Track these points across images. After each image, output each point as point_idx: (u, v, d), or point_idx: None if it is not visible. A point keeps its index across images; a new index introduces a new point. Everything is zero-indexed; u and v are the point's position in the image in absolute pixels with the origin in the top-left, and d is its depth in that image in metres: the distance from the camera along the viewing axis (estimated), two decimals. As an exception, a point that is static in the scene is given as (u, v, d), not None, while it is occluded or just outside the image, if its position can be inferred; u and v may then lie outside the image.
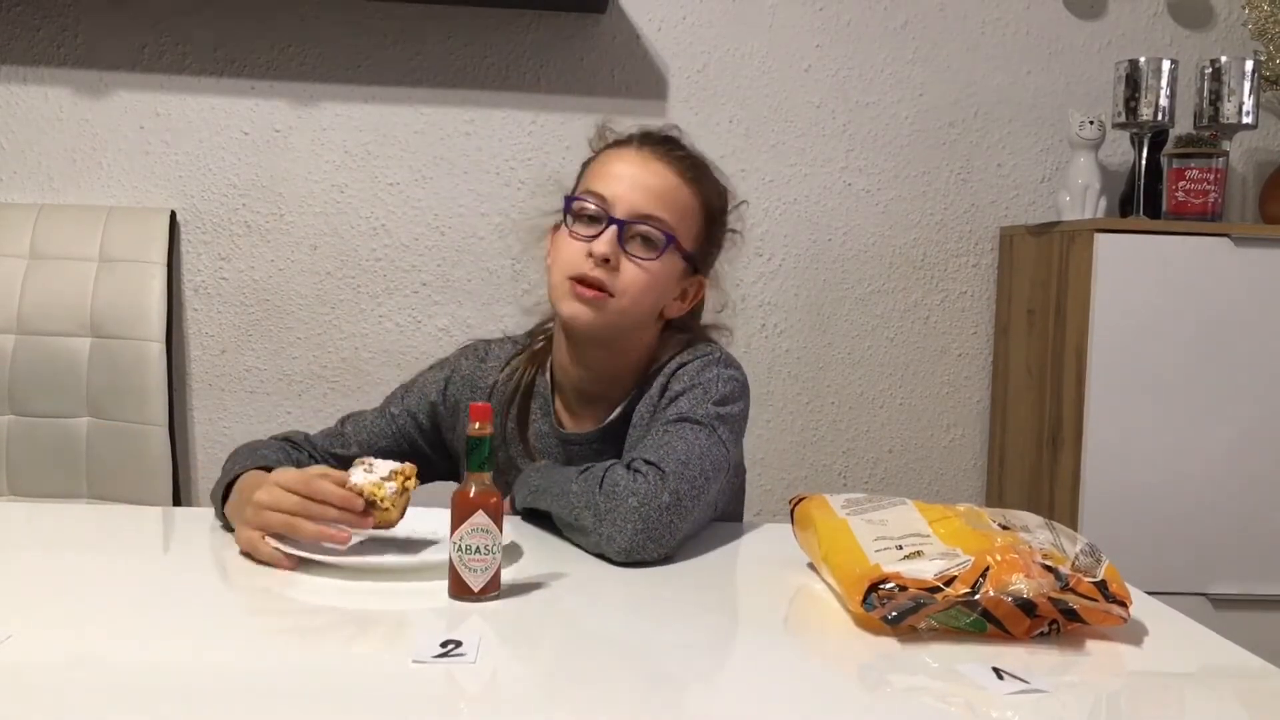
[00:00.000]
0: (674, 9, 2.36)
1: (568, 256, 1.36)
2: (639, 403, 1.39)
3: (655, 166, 1.37)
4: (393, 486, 1.13)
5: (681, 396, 1.33)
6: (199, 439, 2.34)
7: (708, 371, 1.35)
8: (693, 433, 1.27)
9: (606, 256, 1.32)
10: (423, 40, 2.32)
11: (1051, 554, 0.99)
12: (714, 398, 1.32)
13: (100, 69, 2.28)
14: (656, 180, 1.36)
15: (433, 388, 1.48)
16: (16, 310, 2.16)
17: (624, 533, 1.17)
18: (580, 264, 1.34)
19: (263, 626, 0.98)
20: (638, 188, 1.35)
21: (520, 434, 1.45)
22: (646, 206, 1.34)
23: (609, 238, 1.33)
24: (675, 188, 1.37)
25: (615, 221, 1.34)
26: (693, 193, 1.38)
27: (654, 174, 1.36)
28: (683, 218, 1.37)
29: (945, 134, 2.43)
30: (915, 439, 2.47)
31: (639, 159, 1.38)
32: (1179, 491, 2.10)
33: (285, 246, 2.33)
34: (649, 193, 1.35)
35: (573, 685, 0.88)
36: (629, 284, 1.34)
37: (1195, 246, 2.09)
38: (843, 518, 1.11)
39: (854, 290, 2.44)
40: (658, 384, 1.38)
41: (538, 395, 1.45)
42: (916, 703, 0.87)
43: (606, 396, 1.42)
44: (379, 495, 1.13)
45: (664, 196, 1.36)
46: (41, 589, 1.06)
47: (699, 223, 1.40)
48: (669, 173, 1.37)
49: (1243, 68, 2.16)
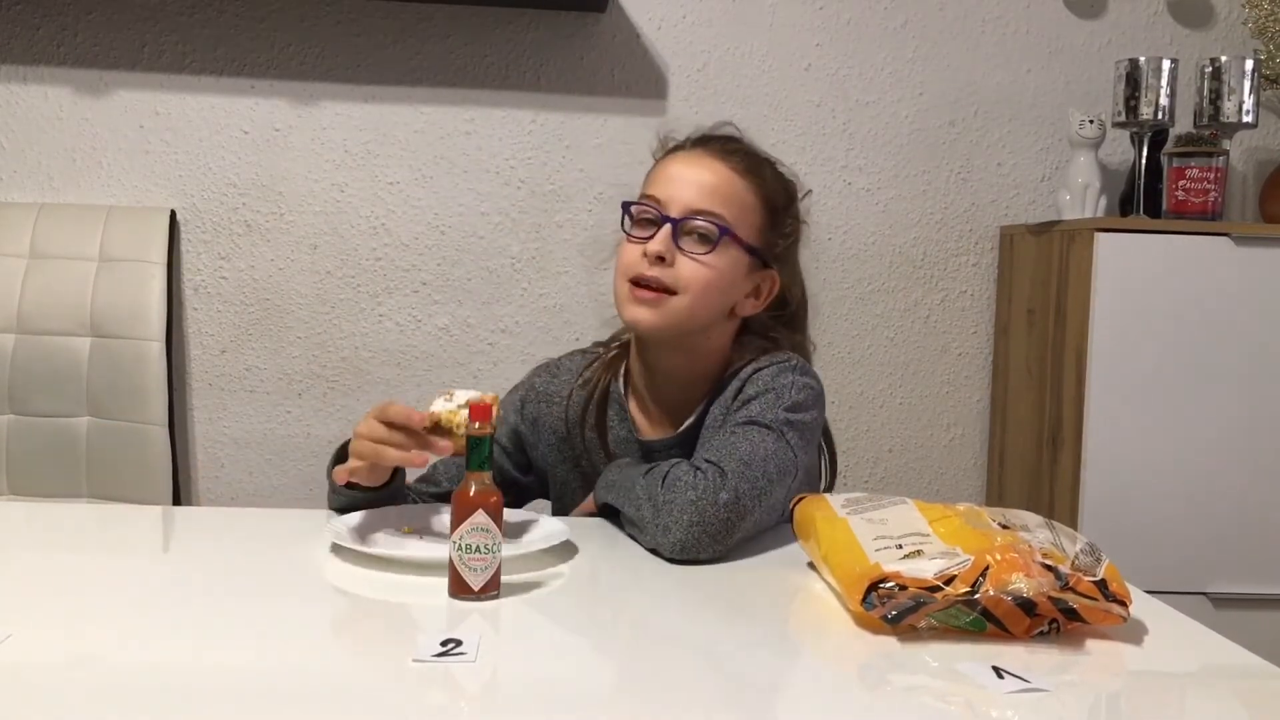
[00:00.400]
0: (674, 8, 2.36)
1: (627, 261, 1.37)
2: (717, 408, 1.39)
3: (708, 163, 1.38)
4: (466, 415, 1.16)
5: (754, 400, 1.33)
6: (199, 439, 2.34)
7: (782, 377, 1.35)
8: (759, 435, 1.27)
9: (661, 254, 1.33)
10: (423, 40, 2.32)
11: (1051, 553, 0.99)
12: (785, 403, 1.32)
13: (100, 68, 2.28)
14: (709, 175, 1.36)
15: (511, 411, 1.49)
16: (16, 310, 2.16)
17: (679, 525, 1.18)
18: (637, 265, 1.35)
19: (262, 626, 0.98)
20: (690, 185, 1.36)
21: (601, 442, 1.45)
22: (699, 202, 1.35)
23: (663, 236, 1.34)
24: (729, 181, 1.37)
25: (669, 220, 1.34)
26: (749, 185, 1.38)
27: (707, 170, 1.37)
28: (741, 211, 1.37)
29: (945, 133, 2.43)
30: (915, 438, 2.47)
31: (692, 158, 1.39)
32: (1179, 491, 2.10)
33: (285, 246, 2.33)
34: (702, 188, 1.36)
35: (572, 685, 0.88)
36: (689, 280, 1.34)
37: (1195, 246, 2.09)
38: (843, 517, 1.11)
39: (854, 289, 2.44)
40: (732, 387, 1.38)
41: (613, 402, 1.45)
42: (916, 702, 0.87)
43: (683, 401, 1.42)
44: (455, 422, 1.17)
45: (718, 190, 1.36)
46: (41, 589, 1.06)
47: (760, 215, 1.39)
48: (723, 167, 1.37)
49: (1243, 67, 2.16)
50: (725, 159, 1.38)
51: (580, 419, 1.45)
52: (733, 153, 1.39)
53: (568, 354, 1.56)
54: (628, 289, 1.35)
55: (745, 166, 1.39)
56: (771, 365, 1.38)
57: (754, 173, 1.39)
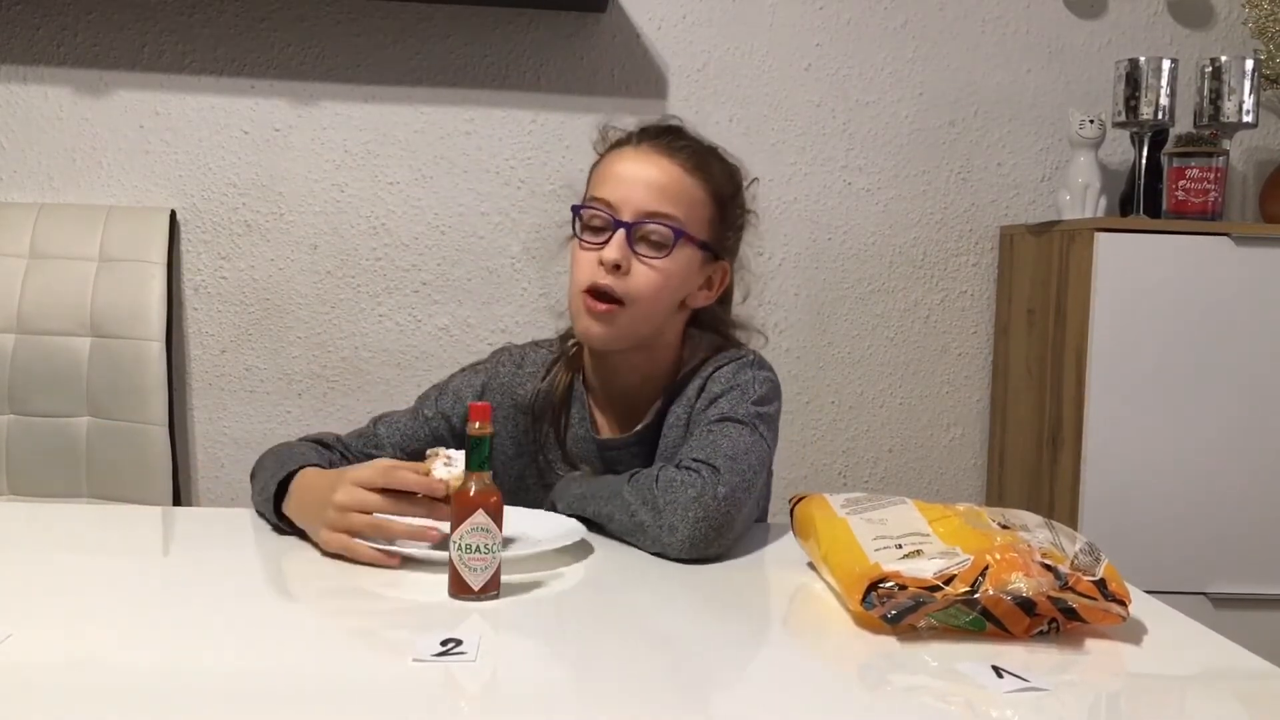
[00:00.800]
0: (674, 8, 2.36)
1: (581, 268, 1.36)
2: (673, 405, 1.39)
3: (656, 161, 1.36)
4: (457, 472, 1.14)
5: (721, 398, 1.33)
6: (199, 439, 2.34)
7: (744, 373, 1.36)
8: (736, 431, 1.28)
9: (617, 262, 1.32)
10: (423, 40, 2.32)
11: (1051, 553, 0.99)
12: (753, 398, 1.33)
13: (100, 68, 2.28)
14: (659, 175, 1.35)
15: (468, 391, 1.46)
16: (16, 310, 2.16)
17: (686, 522, 1.18)
18: (592, 273, 1.33)
19: (262, 626, 0.98)
20: (640, 186, 1.34)
21: (558, 440, 1.44)
22: (651, 204, 1.33)
23: (618, 242, 1.32)
24: (678, 180, 1.35)
25: (621, 225, 1.33)
26: (698, 181, 1.36)
27: (656, 169, 1.35)
28: (691, 208, 1.35)
29: (945, 133, 2.43)
30: (915, 438, 2.47)
31: (639, 156, 1.37)
32: (1179, 491, 2.10)
33: (285, 246, 2.33)
34: (651, 189, 1.34)
35: (572, 684, 0.88)
36: (641, 288, 1.33)
37: (1195, 246, 2.09)
38: (842, 517, 1.11)
39: (854, 289, 2.44)
40: (694, 387, 1.38)
41: (575, 401, 1.44)
42: (916, 702, 0.87)
43: (638, 399, 1.42)
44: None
45: (667, 190, 1.34)
46: (41, 589, 1.06)
47: (710, 210, 1.38)
48: (671, 165, 1.35)
49: (1243, 67, 2.16)
50: (672, 156, 1.36)
51: (544, 415, 1.44)
52: (679, 149, 1.37)
53: (531, 344, 1.53)
54: (581, 301, 1.34)
55: (693, 163, 1.37)
56: (731, 363, 1.39)
57: (702, 168, 1.38)
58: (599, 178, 1.39)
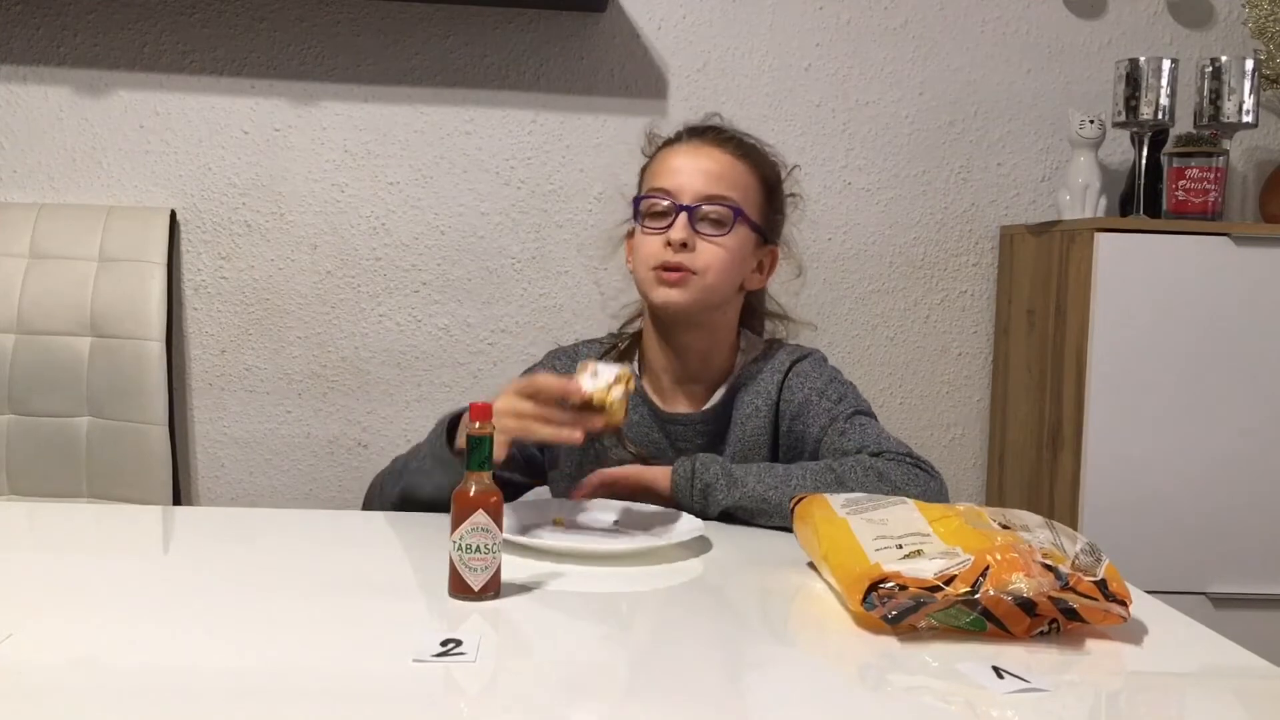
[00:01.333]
0: (674, 8, 2.36)
1: (648, 250, 1.46)
2: (747, 392, 1.49)
3: (707, 151, 1.48)
4: (619, 391, 1.22)
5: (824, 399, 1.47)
6: (199, 439, 2.34)
7: (822, 370, 1.52)
8: (875, 424, 1.46)
9: (684, 241, 1.43)
10: (423, 40, 2.32)
11: (1051, 553, 0.99)
12: (852, 390, 1.50)
13: (100, 68, 2.28)
14: (712, 163, 1.46)
15: None
16: (16, 310, 2.16)
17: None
18: (660, 254, 1.44)
19: (262, 626, 0.98)
20: (697, 174, 1.45)
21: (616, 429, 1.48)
22: (709, 188, 1.45)
23: (681, 223, 1.43)
24: (730, 166, 1.47)
25: (683, 208, 1.44)
26: (747, 168, 1.49)
27: (708, 158, 1.47)
28: (745, 192, 1.48)
29: (945, 133, 2.43)
30: (915, 438, 2.47)
31: (691, 149, 1.48)
32: (1179, 491, 2.10)
33: (285, 246, 2.33)
34: (708, 175, 1.45)
35: (572, 685, 0.88)
36: (709, 261, 1.44)
37: (1195, 246, 2.09)
38: (843, 517, 1.11)
39: (854, 289, 2.44)
40: (769, 380, 1.49)
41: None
42: (916, 702, 0.87)
43: (701, 377, 1.52)
44: (608, 400, 1.21)
45: (723, 176, 1.46)
46: (41, 589, 1.06)
47: (760, 195, 1.50)
48: (722, 154, 1.47)
49: (1243, 67, 2.16)
50: (722, 146, 1.48)
51: None
52: (727, 139, 1.50)
53: (583, 342, 1.62)
54: (653, 275, 1.45)
55: (741, 151, 1.49)
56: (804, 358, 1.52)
57: (749, 156, 1.50)
58: (654, 172, 1.50)
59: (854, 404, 1.47)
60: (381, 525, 1.36)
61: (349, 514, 1.44)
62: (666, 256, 1.43)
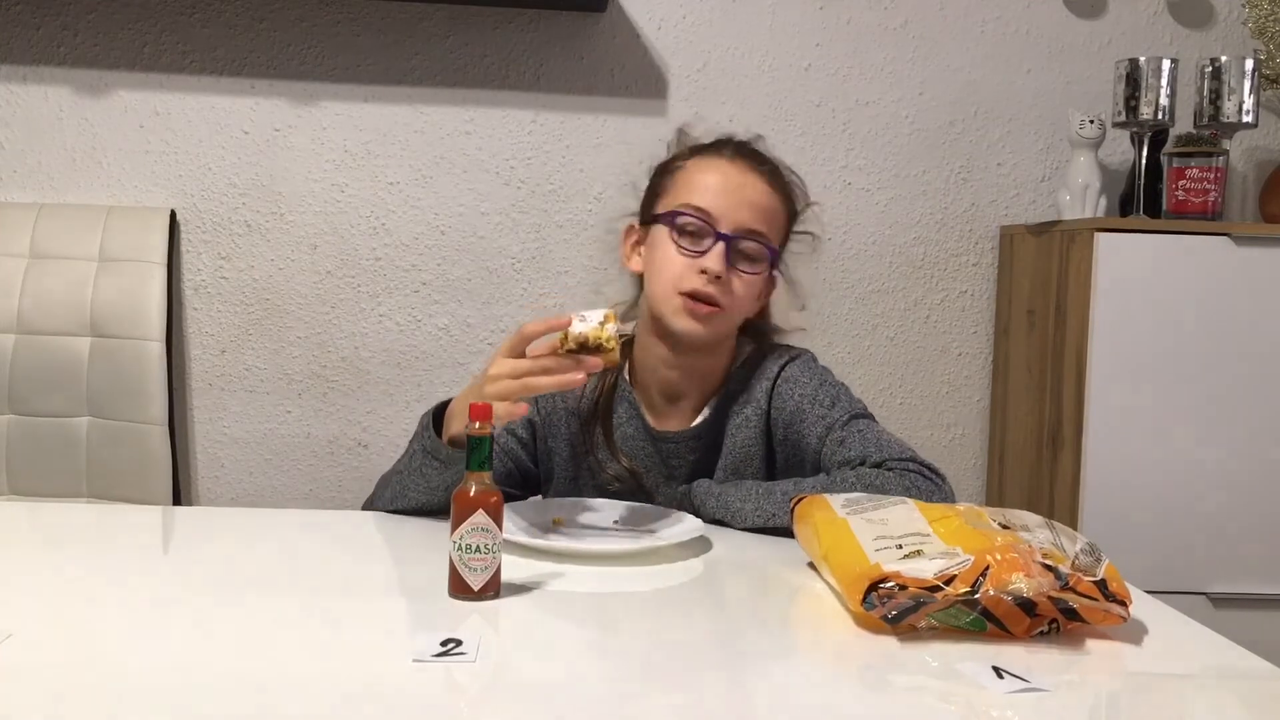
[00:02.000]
0: (674, 8, 2.36)
1: (677, 271, 1.40)
2: (736, 403, 1.45)
3: (752, 180, 1.43)
4: (612, 328, 1.20)
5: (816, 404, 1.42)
6: (199, 439, 2.34)
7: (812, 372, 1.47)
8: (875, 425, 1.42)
9: (720, 274, 1.38)
10: (423, 40, 2.32)
11: (1051, 553, 0.99)
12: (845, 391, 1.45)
13: (100, 68, 2.28)
14: (756, 195, 1.42)
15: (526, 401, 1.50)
16: (16, 310, 2.16)
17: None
18: (691, 279, 1.39)
19: (263, 626, 0.98)
20: (742, 204, 1.41)
21: (606, 438, 1.47)
22: (750, 222, 1.41)
23: (719, 254, 1.39)
24: (769, 199, 1.44)
25: (724, 237, 1.39)
26: (781, 202, 1.46)
27: (752, 188, 1.42)
28: (775, 227, 1.45)
29: (945, 133, 2.43)
30: (915, 438, 2.47)
31: (736, 172, 1.43)
32: (1179, 491, 2.10)
33: (285, 246, 2.33)
34: (752, 208, 1.41)
35: (572, 684, 0.88)
36: (739, 296, 1.41)
37: (1195, 246, 2.09)
38: (843, 517, 1.11)
39: (854, 289, 2.44)
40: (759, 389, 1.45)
41: (621, 400, 1.49)
42: (916, 702, 0.87)
43: (693, 395, 1.48)
44: (602, 337, 1.20)
45: (764, 210, 1.42)
46: (41, 589, 1.06)
47: (785, 228, 1.48)
48: (763, 185, 1.43)
49: (1243, 66, 2.16)
50: (763, 175, 1.44)
51: (591, 414, 1.48)
52: (769, 169, 1.46)
53: None
54: (680, 301, 1.40)
55: (779, 183, 1.46)
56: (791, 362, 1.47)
57: (783, 189, 1.47)
58: (690, 184, 1.44)
59: (848, 408, 1.42)
60: (381, 525, 1.36)
61: (349, 514, 1.44)
62: (699, 285, 1.38)
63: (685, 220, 1.41)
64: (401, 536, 1.31)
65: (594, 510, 1.36)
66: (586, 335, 1.19)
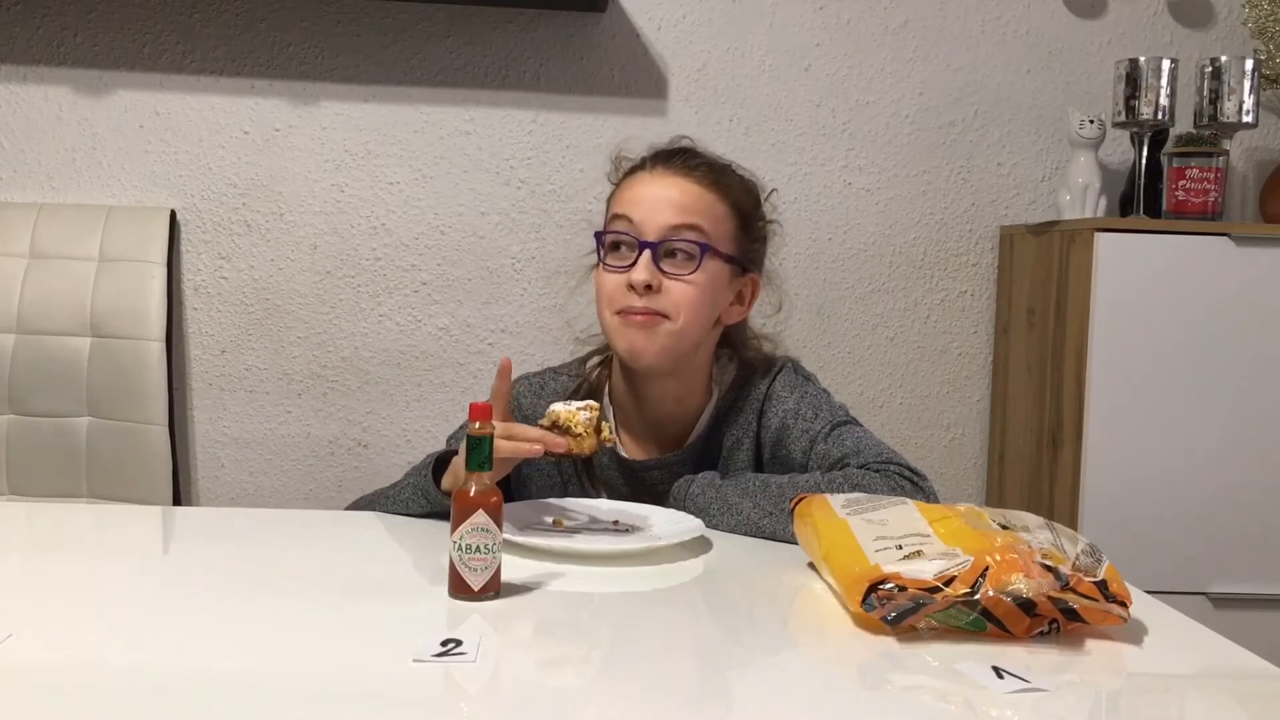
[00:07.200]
0: (674, 8, 2.36)
1: (609, 291, 1.37)
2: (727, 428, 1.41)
3: (674, 180, 1.37)
4: (586, 415, 1.21)
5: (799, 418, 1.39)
6: (199, 439, 2.34)
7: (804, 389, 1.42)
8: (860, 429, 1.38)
9: (648, 283, 1.33)
10: (423, 40, 2.32)
11: (1051, 554, 0.99)
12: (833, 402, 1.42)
13: (100, 68, 2.28)
14: (679, 193, 1.36)
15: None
16: (16, 310, 2.16)
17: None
18: (622, 297, 1.35)
19: (263, 626, 0.98)
20: (660, 205, 1.35)
21: (586, 465, 1.44)
22: (674, 220, 1.34)
23: (644, 263, 1.33)
24: (699, 196, 1.36)
25: (646, 245, 1.34)
26: (718, 197, 1.38)
27: (674, 187, 1.36)
28: (714, 223, 1.37)
29: (945, 133, 2.43)
30: (915, 439, 2.47)
31: (656, 178, 1.38)
32: (1179, 491, 2.10)
33: (285, 246, 2.33)
34: (673, 206, 1.35)
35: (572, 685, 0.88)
36: (679, 301, 1.34)
37: (1195, 246, 2.09)
38: (843, 518, 1.11)
39: (854, 289, 2.44)
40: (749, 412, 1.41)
41: None
42: (916, 702, 0.87)
43: (671, 423, 1.43)
44: (574, 421, 1.20)
45: (690, 207, 1.35)
46: (41, 589, 1.06)
47: (733, 224, 1.39)
48: (688, 183, 1.36)
49: (1243, 67, 2.16)
50: (690, 174, 1.37)
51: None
52: (695, 167, 1.38)
53: (549, 370, 1.54)
54: (618, 320, 1.35)
55: (711, 179, 1.38)
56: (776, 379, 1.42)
57: (720, 184, 1.39)
58: (618, 202, 1.40)
59: (829, 418, 1.38)
60: (381, 525, 1.36)
61: (349, 514, 1.44)
62: (630, 301, 1.33)
63: (610, 238, 1.37)
64: (401, 536, 1.31)
65: (594, 510, 1.36)
66: (559, 415, 1.21)
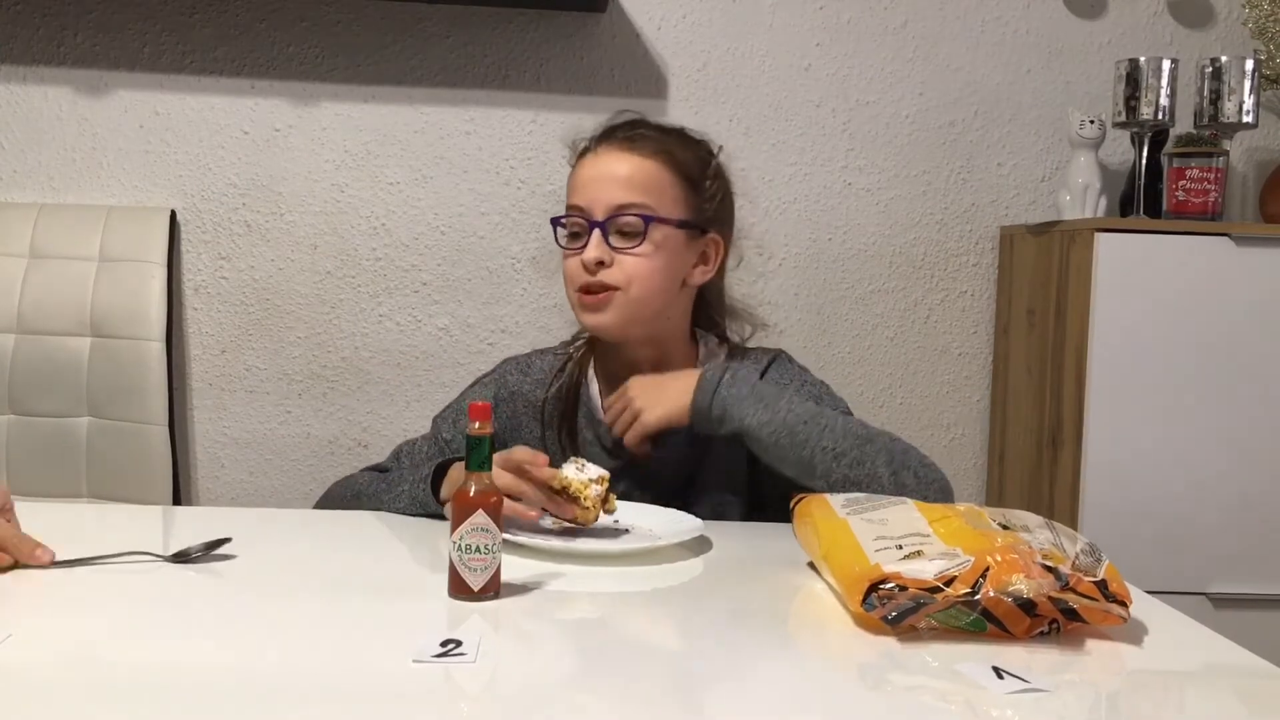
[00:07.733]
0: (674, 8, 2.36)
1: (570, 273, 1.43)
2: None
3: (616, 156, 1.41)
4: (597, 490, 1.21)
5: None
6: (199, 439, 2.34)
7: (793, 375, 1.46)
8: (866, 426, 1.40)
9: (599, 259, 1.38)
10: (423, 40, 2.32)
11: (1051, 554, 0.99)
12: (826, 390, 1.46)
13: (100, 68, 2.28)
14: (625, 169, 1.40)
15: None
16: (16, 310, 2.16)
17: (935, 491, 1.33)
18: (579, 275, 1.40)
19: (262, 626, 0.98)
20: (604, 184, 1.40)
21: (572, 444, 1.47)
22: (618, 198, 1.39)
23: (595, 241, 1.39)
24: (640, 168, 1.40)
25: (595, 224, 1.40)
26: (660, 164, 1.41)
27: (616, 163, 1.41)
28: (660, 192, 1.40)
29: (945, 133, 2.43)
30: (915, 438, 2.44)
31: (600, 158, 1.42)
32: (1179, 491, 2.10)
33: (285, 246, 2.33)
34: (616, 184, 1.40)
35: (572, 685, 0.88)
36: (630, 273, 1.39)
37: (1195, 246, 2.09)
38: (843, 517, 1.11)
39: (854, 289, 2.44)
40: None
41: (583, 405, 1.48)
42: (916, 702, 0.87)
43: None
44: (584, 494, 1.20)
45: (631, 181, 1.40)
46: (41, 589, 1.06)
47: (681, 189, 1.43)
48: (631, 157, 1.41)
49: (1243, 67, 2.16)
50: (631, 148, 1.41)
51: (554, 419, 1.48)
52: (638, 139, 1.42)
53: (535, 352, 1.58)
54: (578, 298, 1.41)
55: (653, 148, 1.42)
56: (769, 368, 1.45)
57: (662, 151, 1.42)
58: (570, 189, 1.45)
59: (832, 405, 1.42)
60: (381, 525, 1.36)
61: (349, 514, 1.44)
62: (585, 278, 1.39)
63: (567, 222, 1.44)
64: (401, 536, 1.31)
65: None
66: (570, 482, 1.21)
